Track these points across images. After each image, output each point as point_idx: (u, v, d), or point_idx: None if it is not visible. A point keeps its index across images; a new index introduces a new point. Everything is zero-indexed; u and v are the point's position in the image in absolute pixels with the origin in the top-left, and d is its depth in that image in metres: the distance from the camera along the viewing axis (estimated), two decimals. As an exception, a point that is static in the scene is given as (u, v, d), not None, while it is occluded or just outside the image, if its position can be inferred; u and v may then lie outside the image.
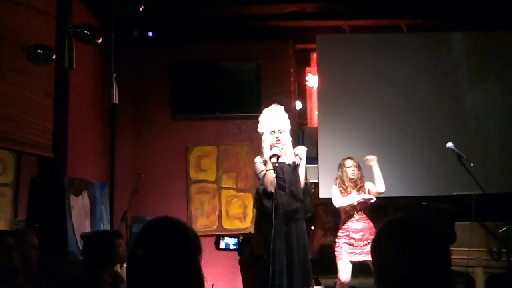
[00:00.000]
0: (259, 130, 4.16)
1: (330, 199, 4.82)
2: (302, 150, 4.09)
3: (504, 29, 6.08)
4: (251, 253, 1.76)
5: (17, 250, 2.69)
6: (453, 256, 1.43)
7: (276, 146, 3.93)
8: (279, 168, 3.93)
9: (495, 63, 6.03)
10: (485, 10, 5.87)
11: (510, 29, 6.06)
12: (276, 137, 3.99)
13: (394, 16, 6.15)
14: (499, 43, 6.07)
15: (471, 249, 4.44)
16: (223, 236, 1.83)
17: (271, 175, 3.89)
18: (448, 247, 1.41)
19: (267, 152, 4.01)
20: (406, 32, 6.28)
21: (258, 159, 4.07)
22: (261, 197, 3.92)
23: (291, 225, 3.94)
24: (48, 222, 4.16)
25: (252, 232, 4.27)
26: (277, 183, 3.89)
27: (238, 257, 1.80)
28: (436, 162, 5.62)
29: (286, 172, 3.97)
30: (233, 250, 1.81)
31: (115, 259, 3.08)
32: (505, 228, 4.24)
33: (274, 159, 3.91)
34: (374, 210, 4.73)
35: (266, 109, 4.19)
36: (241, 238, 1.82)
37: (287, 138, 4.04)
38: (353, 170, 4.67)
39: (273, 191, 3.86)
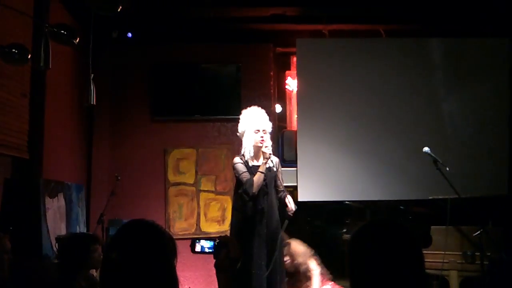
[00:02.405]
0: (240, 129, 4.07)
1: (308, 202, 4.83)
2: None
3: (479, 36, 6.20)
4: (227, 255, 1.74)
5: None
6: (428, 259, 1.46)
7: (265, 146, 3.89)
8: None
9: (471, 69, 6.13)
10: (462, 17, 5.98)
11: (486, 36, 6.18)
12: (261, 137, 3.94)
13: (373, 21, 6.21)
14: (475, 50, 6.17)
15: (446, 252, 4.52)
16: (199, 239, 1.80)
17: (261, 178, 3.85)
18: (422, 250, 1.43)
19: (249, 151, 3.96)
20: (385, 37, 6.35)
21: (238, 160, 4.00)
22: (243, 198, 3.85)
23: (272, 229, 3.93)
24: (22, 225, 4.07)
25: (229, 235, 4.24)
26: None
27: (214, 260, 1.78)
28: (412, 166, 5.68)
29: (268, 176, 3.94)
30: (209, 253, 1.78)
31: (90, 264, 3.04)
32: (479, 232, 4.32)
33: (262, 160, 3.89)
34: (353, 214, 4.76)
35: (248, 108, 4.14)
36: (217, 240, 1.79)
37: (269, 141, 4.01)
38: None
39: (256, 194, 3.83)
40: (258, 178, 3.83)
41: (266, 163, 3.85)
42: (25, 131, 4.33)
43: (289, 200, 4.01)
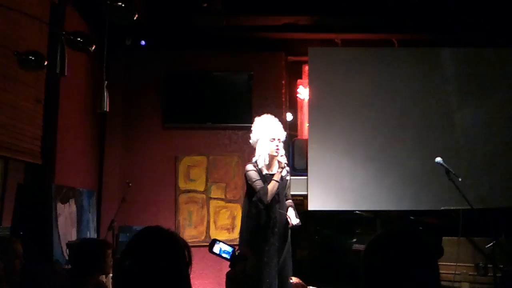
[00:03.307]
0: (254, 136, 4.05)
1: (318, 211, 4.81)
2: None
3: (494, 47, 6.16)
4: (244, 269, 1.71)
5: (1, 259, 2.64)
6: (440, 271, 1.44)
7: (281, 155, 3.88)
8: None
9: (485, 80, 6.09)
10: (475, 27, 5.95)
11: (500, 47, 6.14)
12: (276, 146, 3.94)
13: (386, 31, 6.21)
14: (489, 60, 6.14)
15: (458, 264, 4.48)
16: (219, 241, 1.77)
17: (276, 187, 3.82)
18: (437, 261, 1.42)
19: (263, 159, 3.94)
20: (397, 47, 6.34)
21: (251, 167, 3.98)
22: (257, 206, 3.83)
23: (282, 238, 3.91)
24: (33, 230, 4.10)
25: (237, 243, 4.20)
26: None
27: (227, 269, 1.76)
28: (424, 176, 5.65)
29: (280, 185, 3.92)
30: (223, 258, 1.75)
31: (104, 269, 3.05)
32: (491, 243, 4.28)
33: (275, 169, 3.87)
34: (363, 224, 4.74)
35: (263, 116, 4.13)
36: (238, 251, 1.76)
37: (283, 150, 4.01)
38: None
39: (269, 202, 3.82)
40: (272, 186, 3.81)
41: (281, 172, 3.84)
42: (38, 137, 4.36)
43: (289, 216, 3.94)
